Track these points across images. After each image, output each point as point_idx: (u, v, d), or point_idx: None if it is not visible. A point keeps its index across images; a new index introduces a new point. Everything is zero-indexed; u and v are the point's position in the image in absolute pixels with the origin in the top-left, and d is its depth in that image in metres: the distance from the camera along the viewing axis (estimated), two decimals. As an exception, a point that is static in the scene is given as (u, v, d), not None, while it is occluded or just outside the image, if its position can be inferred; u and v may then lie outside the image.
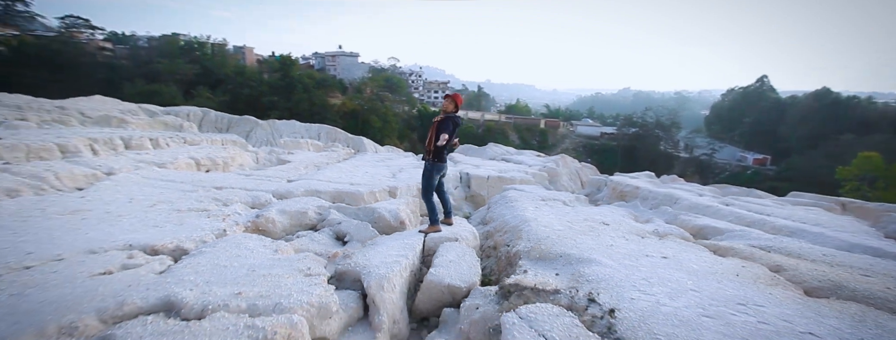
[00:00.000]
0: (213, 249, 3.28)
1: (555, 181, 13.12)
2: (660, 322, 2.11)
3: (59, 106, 12.58)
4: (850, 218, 6.88)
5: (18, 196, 4.47)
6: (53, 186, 5.05)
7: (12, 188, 4.54)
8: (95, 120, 11.99)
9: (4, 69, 38.01)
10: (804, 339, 1.99)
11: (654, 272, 2.90)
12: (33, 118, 10.61)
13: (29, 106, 11.62)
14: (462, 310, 2.79)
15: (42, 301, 2.24)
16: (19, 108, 11.04)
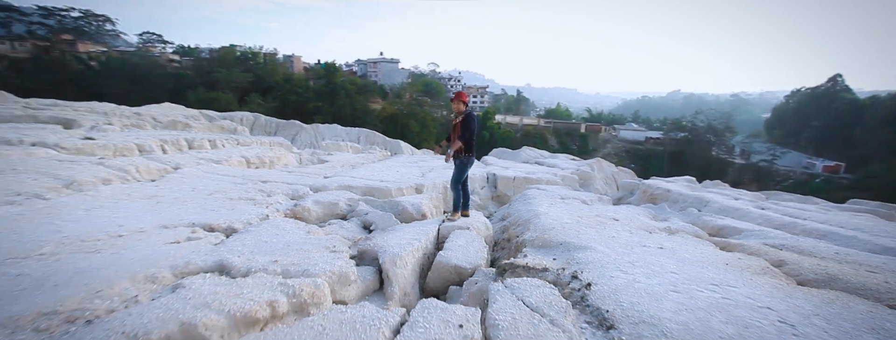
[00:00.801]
0: (257, 229, 3.89)
1: (587, 184, 13.02)
2: (628, 294, 2.36)
3: (136, 112, 14.49)
4: (888, 222, 6.41)
5: (110, 184, 5.42)
6: (134, 177, 6.02)
7: (106, 177, 5.51)
8: (165, 124, 13.76)
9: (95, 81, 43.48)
10: (759, 311, 2.15)
11: (642, 258, 3.10)
12: (117, 123, 12.29)
13: (113, 112, 13.49)
14: (464, 286, 3.15)
15: (132, 258, 2.89)
16: (106, 114, 12.84)
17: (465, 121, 4.21)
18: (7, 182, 4.57)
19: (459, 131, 4.23)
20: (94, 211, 4.05)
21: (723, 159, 58.37)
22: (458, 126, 4.26)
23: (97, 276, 2.52)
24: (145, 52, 54.58)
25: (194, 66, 55.11)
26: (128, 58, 50.15)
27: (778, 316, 2.14)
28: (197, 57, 59.79)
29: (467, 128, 4.19)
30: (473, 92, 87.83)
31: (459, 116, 4.33)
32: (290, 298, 2.49)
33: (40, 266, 2.68)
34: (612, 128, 74.77)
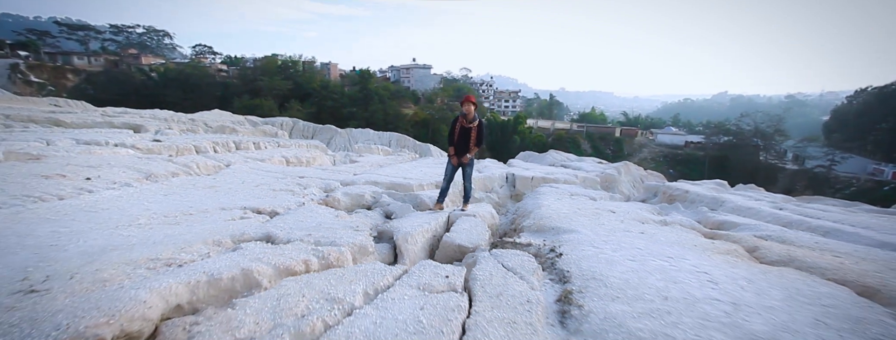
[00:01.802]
0: (295, 212, 4.67)
1: (612, 187, 13.14)
2: (590, 261, 2.85)
3: (191, 118, 16.27)
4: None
5: (178, 176, 6.48)
6: (195, 172, 7.09)
7: (174, 171, 6.59)
8: (215, 129, 15.39)
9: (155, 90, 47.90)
10: (695, 275, 2.57)
11: (618, 239, 3.55)
12: (175, 127, 13.92)
13: (172, 118, 15.27)
14: (463, 259, 3.73)
15: (202, 229, 3.72)
16: (166, 120, 14.57)
17: (481, 128, 4.60)
18: (105, 173, 5.68)
19: (476, 137, 4.60)
20: (169, 196, 5.01)
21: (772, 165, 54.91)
22: (476, 131, 4.57)
23: (180, 239, 3.34)
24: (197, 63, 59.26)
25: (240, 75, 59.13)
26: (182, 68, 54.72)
27: (709, 278, 2.56)
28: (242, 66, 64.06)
29: (483, 135, 4.62)
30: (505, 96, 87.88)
31: (474, 121, 4.58)
32: (319, 259, 3.19)
33: (141, 231, 3.56)
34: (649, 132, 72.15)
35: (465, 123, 4.63)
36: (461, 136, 4.65)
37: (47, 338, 1.76)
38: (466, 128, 4.61)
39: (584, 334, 1.97)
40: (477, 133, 4.58)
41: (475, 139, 4.59)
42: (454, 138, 4.71)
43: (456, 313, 2.12)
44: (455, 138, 4.70)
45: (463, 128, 4.63)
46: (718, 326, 1.98)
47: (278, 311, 2.12)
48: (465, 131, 4.62)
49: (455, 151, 4.79)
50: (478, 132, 4.58)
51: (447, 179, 5.08)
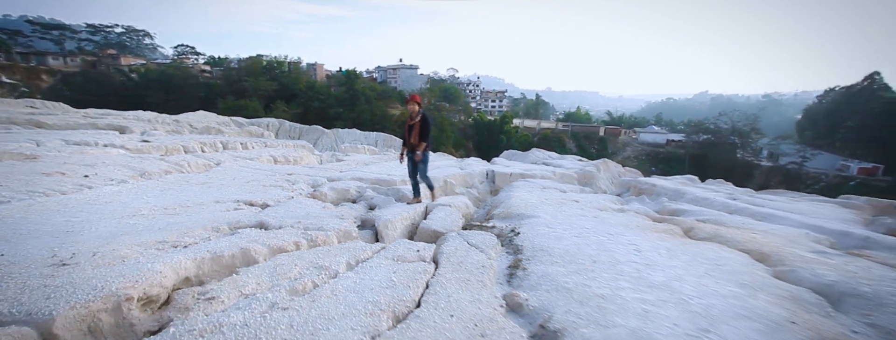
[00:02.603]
0: (285, 204, 5.09)
1: (591, 183, 13.77)
2: (542, 238, 3.38)
3: (175, 120, 16.35)
4: (849, 211, 7.04)
5: (170, 174, 6.81)
6: (187, 170, 7.41)
7: (167, 169, 6.91)
8: (200, 130, 15.48)
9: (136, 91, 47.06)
10: (625, 245, 3.12)
11: (571, 221, 4.09)
12: (161, 128, 14.05)
13: (156, 120, 15.34)
14: (437, 241, 4.22)
15: (201, 218, 4.12)
16: (150, 122, 14.66)
17: (423, 123, 4.89)
18: (101, 171, 5.99)
19: (418, 132, 4.86)
20: (166, 191, 5.37)
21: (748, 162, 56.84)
22: (418, 126, 4.85)
23: (182, 226, 3.74)
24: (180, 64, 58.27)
25: (224, 76, 58.37)
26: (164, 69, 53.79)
27: (636, 248, 3.10)
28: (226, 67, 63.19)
29: (426, 129, 4.88)
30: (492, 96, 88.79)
31: (416, 117, 4.89)
32: (308, 241, 3.63)
33: (145, 220, 3.94)
34: (632, 131, 73.85)
35: (410, 121, 4.99)
36: (408, 133, 5.00)
37: (88, 296, 2.17)
38: (411, 125, 4.93)
39: (523, 287, 2.47)
40: (419, 128, 4.85)
41: (418, 134, 4.87)
42: (405, 136, 5.11)
43: (422, 275, 2.60)
44: (405, 136, 5.09)
45: (409, 126, 4.97)
46: (627, 278, 2.51)
47: (275, 275, 2.57)
48: (410, 128, 4.94)
49: (405, 148, 5.16)
50: (420, 127, 4.85)
51: (410, 176, 5.47)
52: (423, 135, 4.93)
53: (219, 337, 1.74)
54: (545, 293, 2.32)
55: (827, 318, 2.20)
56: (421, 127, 4.89)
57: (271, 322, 1.88)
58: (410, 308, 2.15)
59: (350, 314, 1.99)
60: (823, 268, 2.95)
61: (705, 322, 1.98)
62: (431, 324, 1.91)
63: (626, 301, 2.18)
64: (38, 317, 1.97)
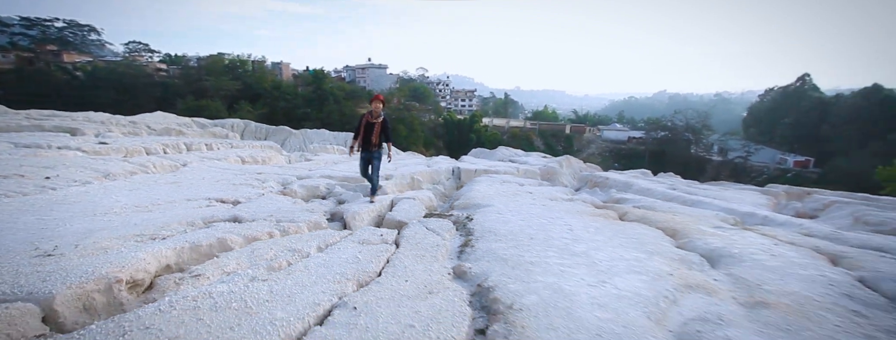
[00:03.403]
0: (257, 201, 5.34)
1: (554, 178, 14.58)
2: (492, 222, 3.88)
3: (131, 121, 15.73)
4: (767, 197, 8.09)
5: (136, 175, 6.81)
6: (152, 171, 7.41)
7: (132, 171, 6.91)
8: (159, 131, 14.86)
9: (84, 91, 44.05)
10: (561, 226, 3.69)
11: (521, 209, 4.64)
12: (116, 130, 13.53)
13: (110, 121, 14.70)
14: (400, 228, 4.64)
15: (174, 214, 4.33)
16: (103, 123, 14.07)
17: (385, 124, 5.07)
18: (62, 173, 5.96)
19: (379, 131, 5.00)
20: (135, 191, 5.46)
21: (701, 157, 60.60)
22: (379, 126, 4.99)
23: (158, 222, 3.95)
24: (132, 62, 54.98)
25: (182, 75, 55.67)
26: (114, 67, 50.59)
27: (570, 228, 3.67)
28: (185, 65, 60.27)
29: (388, 130, 5.09)
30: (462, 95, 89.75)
31: (379, 117, 5.01)
32: (281, 232, 3.95)
33: (118, 217, 4.11)
34: (596, 128, 76.85)
35: (370, 119, 5.06)
36: (366, 130, 5.05)
37: (81, 278, 2.43)
38: (372, 123, 5.02)
39: (469, 260, 2.95)
40: (381, 128, 5.02)
41: (378, 133, 4.98)
42: (359, 132, 5.13)
43: (384, 253, 3.03)
44: (360, 132, 5.12)
45: (368, 123, 5.04)
46: (555, 250, 3.05)
47: (253, 257, 2.91)
48: (370, 126, 5.01)
49: (362, 144, 5.19)
50: (382, 127, 5.03)
51: (362, 173, 5.57)
52: (388, 136, 5.18)
53: (209, 301, 2.09)
54: (486, 263, 2.81)
55: (699, 272, 2.82)
56: (383, 126, 5.09)
57: (253, 290, 2.24)
58: (372, 277, 2.57)
59: (321, 282, 2.39)
60: (714, 239, 3.63)
61: (605, 276, 2.54)
62: (388, 287, 2.34)
63: (549, 265, 2.71)
64: (39, 295, 2.23)
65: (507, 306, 2.08)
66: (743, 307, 2.25)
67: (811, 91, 70.57)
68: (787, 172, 54.57)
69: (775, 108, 71.97)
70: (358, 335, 1.79)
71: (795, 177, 50.08)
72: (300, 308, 2.02)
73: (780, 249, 3.38)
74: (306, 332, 1.86)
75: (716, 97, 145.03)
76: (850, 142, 52.26)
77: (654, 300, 2.24)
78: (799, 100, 68.33)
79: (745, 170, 54.64)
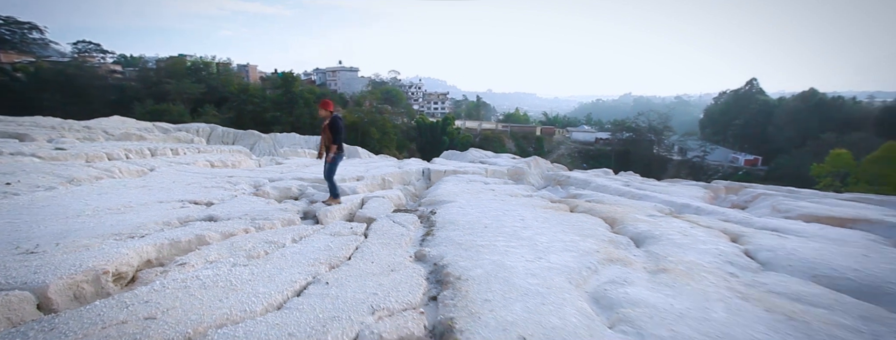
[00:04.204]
0: (230, 202, 5.54)
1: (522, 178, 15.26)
2: (452, 215, 4.32)
3: (85, 126, 15.04)
4: (707, 191, 9.01)
5: (102, 180, 6.78)
6: (119, 176, 7.36)
7: (97, 176, 6.86)
8: (117, 137, 14.15)
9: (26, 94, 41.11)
10: (515, 217, 4.17)
11: (481, 203, 5.10)
12: (69, 135, 12.98)
13: (61, 126, 14.01)
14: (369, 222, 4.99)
15: (149, 216, 4.49)
16: (54, 128, 13.44)
17: (331, 125, 5.03)
18: (23, 179, 5.89)
19: (328, 134, 4.99)
20: (104, 195, 5.51)
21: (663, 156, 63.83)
22: (327, 129, 5.00)
23: (134, 222, 4.12)
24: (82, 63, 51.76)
25: (140, 77, 53.00)
26: (62, 68, 47.49)
27: (522, 218, 4.16)
28: (142, 67, 57.40)
29: (335, 131, 5.01)
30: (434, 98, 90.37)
31: (325, 121, 5.05)
32: (256, 228, 4.22)
33: (92, 219, 4.24)
34: (565, 130, 79.37)
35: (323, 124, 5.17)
36: (323, 136, 5.21)
37: (71, 270, 2.65)
38: (324, 128, 5.15)
39: (429, 245, 3.36)
40: (327, 131, 5.03)
41: (325, 136, 5.07)
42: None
43: (353, 242, 3.39)
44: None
45: (322, 128, 5.20)
46: (505, 236, 3.51)
47: (233, 248, 3.19)
48: (324, 131, 5.14)
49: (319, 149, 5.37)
50: (329, 130, 5.03)
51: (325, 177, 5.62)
52: (332, 138, 5.12)
53: (198, 282, 2.39)
54: (444, 247, 3.23)
55: (624, 250, 3.37)
56: (329, 130, 5.09)
57: (237, 273, 2.56)
58: (343, 261, 2.93)
59: (297, 265, 2.73)
60: (643, 225, 4.23)
61: (542, 254, 3.02)
62: (357, 267, 2.72)
63: (496, 247, 3.16)
64: (33, 285, 2.44)
65: (457, 277, 2.51)
66: (648, 273, 2.78)
67: (758, 94, 76.10)
68: (738, 170, 58.45)
69: (727, 111, 77.00)
70: (330, 301, 2.15)
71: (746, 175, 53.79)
72: (279, 284, 2.36)
73: (694, 231, 4.01)
74: (286, 301, 2.21)
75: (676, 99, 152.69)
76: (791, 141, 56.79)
77: (578, 270, 2.73)
78: (748, 103, 73.46)
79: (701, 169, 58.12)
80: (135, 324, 1.84)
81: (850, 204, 7.05)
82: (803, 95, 66.82)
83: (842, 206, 6.72)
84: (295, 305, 2.14)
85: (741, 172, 56.43)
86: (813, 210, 6.13)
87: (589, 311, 2.14)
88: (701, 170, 57.21)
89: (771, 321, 2.03)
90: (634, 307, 2.14)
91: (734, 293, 2.42)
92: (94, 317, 1.96)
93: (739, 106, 73.64)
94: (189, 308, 2.04)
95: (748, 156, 61.97)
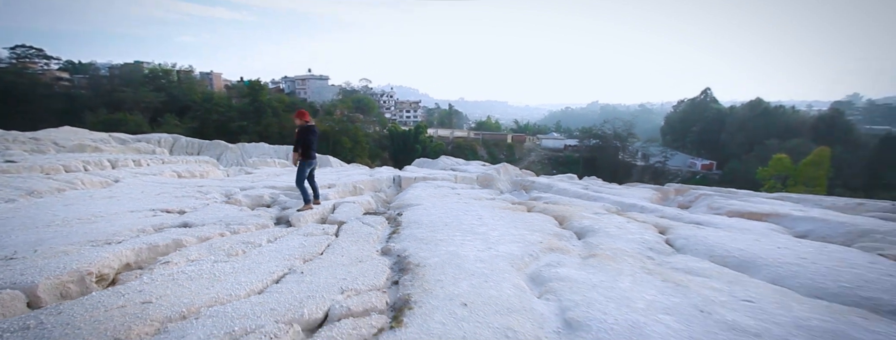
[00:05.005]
0: (203, 210, 5.69)
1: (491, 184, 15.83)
2: (417, 215, 4.73)
3: (32, 137, 14.29)
4: (656, 193, 9.88)
5: (65, 192, 6.70)
6: (82, 187, 7.27)
7: (59, 188, 6.77)
8: (69, 148, 13.31)
9: (-51, 102, 37.81)
10: (474, 216, 4.64)
11: (446, 206, 5.55)
12: (15, 147, 12.35)
13: (5, 137, 13.24)
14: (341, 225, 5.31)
15: (122, 224, 4.61)
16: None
17: (299, 134, 5.35)
18: (-18, 191, 5.79)
19: (295, 141, 5.35)
20: (71, 206, 5.52)
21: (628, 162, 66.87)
22: (299, 134, 5.33)
23: (108, 230, 4.25)
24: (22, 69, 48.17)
25: (91, 85, 50.14)
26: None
27: (479, 217, 4.63)
28: (93, 75, 54.33)
29: (301, 140, 5.30)
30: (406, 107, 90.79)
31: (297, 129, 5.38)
32: (232, 232, 4.45)
33: (63, 229, 4.33)
34: (536, 137, 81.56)
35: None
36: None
37: (56, 272, 2.85)
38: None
39: (394, 241, 3.75)
40: (296, 139, 5.39)
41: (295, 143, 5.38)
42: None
43: (325, 241, 3.73)
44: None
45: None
46: (462, 232, 3.96)
47: (212, 249, 3.46)
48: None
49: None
50: (296, 138, 5.37)
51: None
52: (296, 145, 5.41)
53: (184, 275, 2.67)
54: (407, 242, 3.63)
55: (565, 241, 3.90)
56: (297, 137, 5.42)
57: (219, 268, 2.85)
58: (316, 255, 3.27)
59: (274, 260, 3.05)
60: (587, 221, 4.81)
61: (492, 245, 3.49)
62: (328, 260, 3.07)
63: (453, 241, 3.60)
64: (23, 285, 2.63)
65: (416, 265, 2.91)
66: (580, 258, 3.30)
67: (712, 103, 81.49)
68: (696, 174, 62.10)
69: (685, 118, 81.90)
70: (305, 286, 2.50)
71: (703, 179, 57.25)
72: (259, 275, 2.68)
73: (629, 225, 4.62)
74: (266, 288, 2.53)
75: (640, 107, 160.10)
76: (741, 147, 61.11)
77: (521, 257, 3.21)
78: (703, 111, 78.46)
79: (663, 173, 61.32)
80: (134, 307, 2.12)
81: (771, 202, 8.02)
82: (751, 104, 72.21)
83: (763, 204, 7.65)
84: (274, 289, 2.47)
85: (698, 176, 59.97)
86: (738, 207, 6.99)
87: (523, 286, 2.60)
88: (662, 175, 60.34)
89: (662, 287, 2.56)
90: (560, 282, 2.63)
91: (643, 270, 2.96)
92: (95, 303, 2.22)
93: (696, 114, 78.55)
94: (180, 294, 2.33)
95: (705, 160, 65.98)
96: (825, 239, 4.96)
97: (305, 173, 5.59)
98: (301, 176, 5.62)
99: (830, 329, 1.93)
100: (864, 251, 3.78)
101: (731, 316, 2.12)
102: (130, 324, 1.94)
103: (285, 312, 2.12)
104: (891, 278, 2.67)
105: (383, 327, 2.05)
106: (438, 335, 1.91)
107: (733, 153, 61.61)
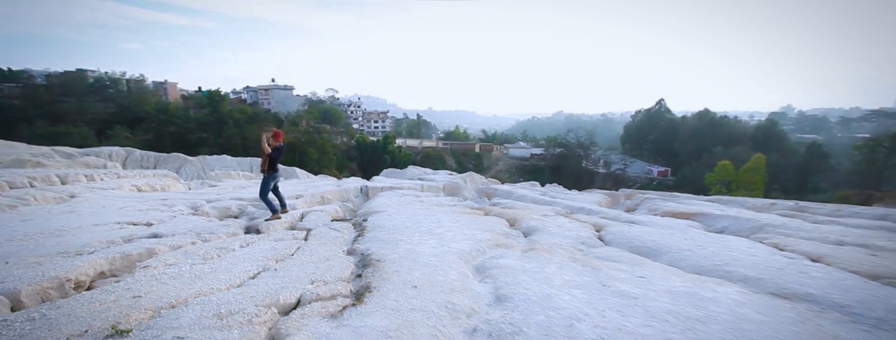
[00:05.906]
0: (171, 221, 5.83)
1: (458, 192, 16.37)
2: (381, 221, 5.16)
3: None
4: (606, 198, 10.81)
5: (17, 209, 6.55)
6: (35, 203, 7.10)
7: (10, 204, 6.61)
8: (6, 164, 11.89)
9: None
10: (434, 221, 5.13)
11: (408, 212, 6.00)
12: None
13: None
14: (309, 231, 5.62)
15: (91, 236, 4.71)
16: (-88, 156, 11.63)
17: (273, 152, 5.75)
18: (-70, 208, 5.61)
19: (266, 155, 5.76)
20: (29, 221, 5.49)
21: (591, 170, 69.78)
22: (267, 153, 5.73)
23: (76, 242, 4.36)
24: (-64, 76, 44.16)
25: (25, 95, 46.34)
26: None
27: (437, 220, 5.12)
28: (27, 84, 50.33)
29: (275, 157, 5.75)
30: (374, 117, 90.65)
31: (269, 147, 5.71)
32: (203, 240, 4.68)
33: (28, 243, 4.40)
34: (503, 147, 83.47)
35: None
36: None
37: (36, 279, 3.04)
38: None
39: (359, 243, 4.16)
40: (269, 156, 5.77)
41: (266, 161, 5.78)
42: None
43: (296, 244, 4.08)
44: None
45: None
46: (420, 233, 4.44)
47: (188, 255, 3.72)
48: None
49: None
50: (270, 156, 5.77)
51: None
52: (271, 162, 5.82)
53: (166, 275, 2.96)
54: (370, 243, 4.06)
55: (512, 239, 4.47)
56: (271, 156, 5.83)
57: (198, 269, 3.15)
58: (287, 256, 3.63)
59: (249, 261, 3.39)
60: (535, 222, 5.42)
61: (446, 243, 3.99)
62: (299, 260, 3.45)
63: (412, 240, 4.06)
64: (5, 291, 2.82)
65: (377, 260, 3.34)
66: (521, 252, 3.86)
67: (665, 113, 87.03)
68: (653, 180, 65.79)
69: (642, 127, 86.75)
70: (279, 279, 2.87)
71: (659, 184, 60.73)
72: (237, 273, 3.01)
73: (570, 225, 5.27)
74: (244, 283, 2.87)
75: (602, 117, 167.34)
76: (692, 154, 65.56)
77: (470, 252, 3.72)
78: (658, 121, 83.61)
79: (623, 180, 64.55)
80: (125, 301, 2.42)
81: (702, 204, 9.07)
82: (700, 114, 77.72)
83: (694, 205, 8.66)
84: (252, 283, 2.82)
85: (655, 182, 63.52)
86: (672, 208, 7.92)
87: (468, 274, 3.10)
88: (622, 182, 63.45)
89: (581, 270, 3.16)
90: (499, 269, 3.15)
91: (570, 259, 3.55)
92: (89, 299, 2.49)
93: (651, 123, 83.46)
94: (166, 290, 2.64)
95: (661, 167, 70.04)
96: (736, 233, 5.86)
97: (270, 186, 5.92)
98: (265, 189, 5.93)
99: (689, 292, 2.57)
100: (755, 241, 4.61)
101: (624, 287, 2.72)
102: (127, 312, 2.25)
103: (263, 298, 2.50)
104: (752, 258, 3.42)
105: (347, 306, 2.48)
106: (392, 308, 2.36)
107: (685, 160, 65.76)
